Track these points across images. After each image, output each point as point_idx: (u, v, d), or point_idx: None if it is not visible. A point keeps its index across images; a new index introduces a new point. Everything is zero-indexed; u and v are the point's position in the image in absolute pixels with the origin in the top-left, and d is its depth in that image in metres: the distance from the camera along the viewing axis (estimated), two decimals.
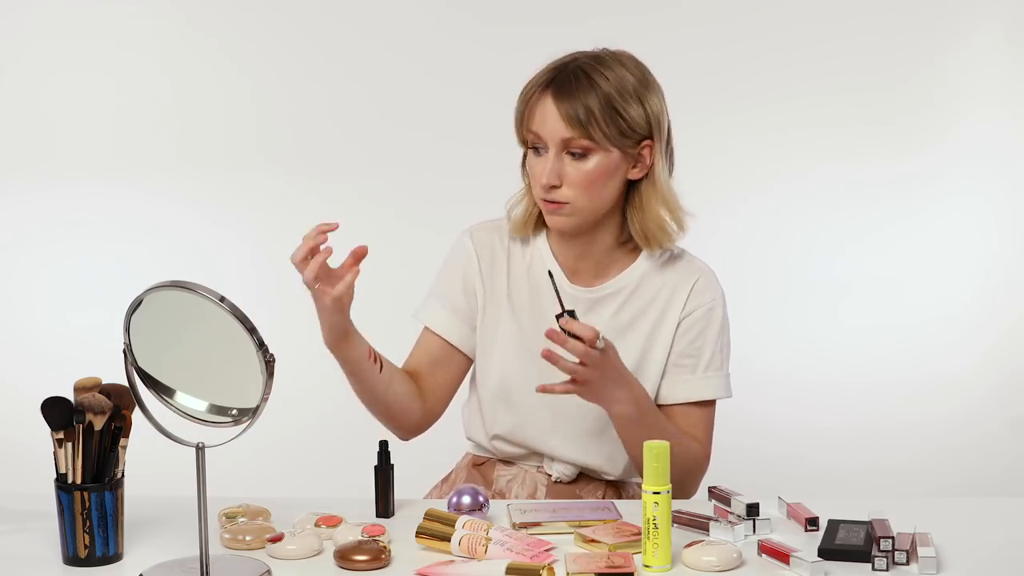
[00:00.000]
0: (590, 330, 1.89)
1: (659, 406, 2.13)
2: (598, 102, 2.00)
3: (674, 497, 2.06)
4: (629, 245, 2.14)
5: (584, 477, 2.16)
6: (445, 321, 2.17)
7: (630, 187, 2.09)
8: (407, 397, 2.12)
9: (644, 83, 2.05)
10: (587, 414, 2.09)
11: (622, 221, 2.11)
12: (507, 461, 2.19)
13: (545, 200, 2.05)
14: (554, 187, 2.03)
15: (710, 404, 2.14)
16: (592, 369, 1.91)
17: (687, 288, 2.12)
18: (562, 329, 1.89)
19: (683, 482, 2.06)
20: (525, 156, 2.12)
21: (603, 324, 2.11)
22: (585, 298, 2.12)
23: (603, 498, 2.14)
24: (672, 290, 2.12)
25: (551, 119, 2.02)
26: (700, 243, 2.19)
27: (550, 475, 2.16)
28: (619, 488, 2.17)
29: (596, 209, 2.07)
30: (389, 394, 2.09)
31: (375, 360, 2.04)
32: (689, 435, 2.10)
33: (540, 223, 2.15)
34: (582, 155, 2.02)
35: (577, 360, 1.90)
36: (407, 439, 2.19)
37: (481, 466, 2.21)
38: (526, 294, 2.15)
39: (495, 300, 2.15)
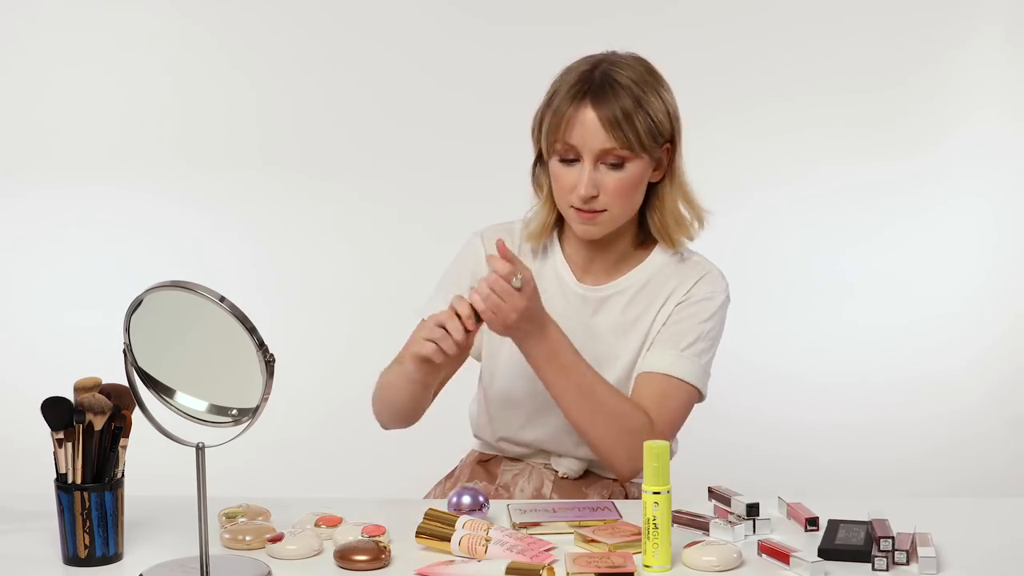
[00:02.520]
0: (503, 265, 1.90)
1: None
2: (635, 110, 2.00)
3: (605, 462, 2.04)
4: (641, 245, 2.14)
5: (591, 474, 2.16)
6: None
7: (648, 188, 2.10)
8: (428, 399, 2.14)
9: (661, 83, 2.06)
10: None
11: (636, 223, 2.12)
12: (513, 458, 2.19)
13: (580, 210, 2.04)
14: (592, 197, 2.03)
15: (681, 387, 2.07)
16: (504, 301, 1.91)
17: (689, 284, 2.12)
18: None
19: (616, 445, 2.00)
20: (536, 165, 2.12)
21: (611, 321, 2.11)
22: (594, 297, 2.12)
23: (609, 495, 2.14)
24: (675, 286, 2.12)
25: (592, 130, 2.00)
26: (700, 242, 2.19)
27: (557, 471, 2.16)
28: (625, 486, 2.16)
29: (627, 216, 2.08)
30: (428, 399, 2.11)
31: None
32: (640, 404, 2.04)
33: (554, 228, 2.15)
34: (619, 164, 2.02)
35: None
36: (390, 429, 2.19)
37: (487, 463, 2.21)
38: None
39: None
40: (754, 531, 1.84)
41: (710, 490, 1.95)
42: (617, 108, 2.00)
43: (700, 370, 2.09)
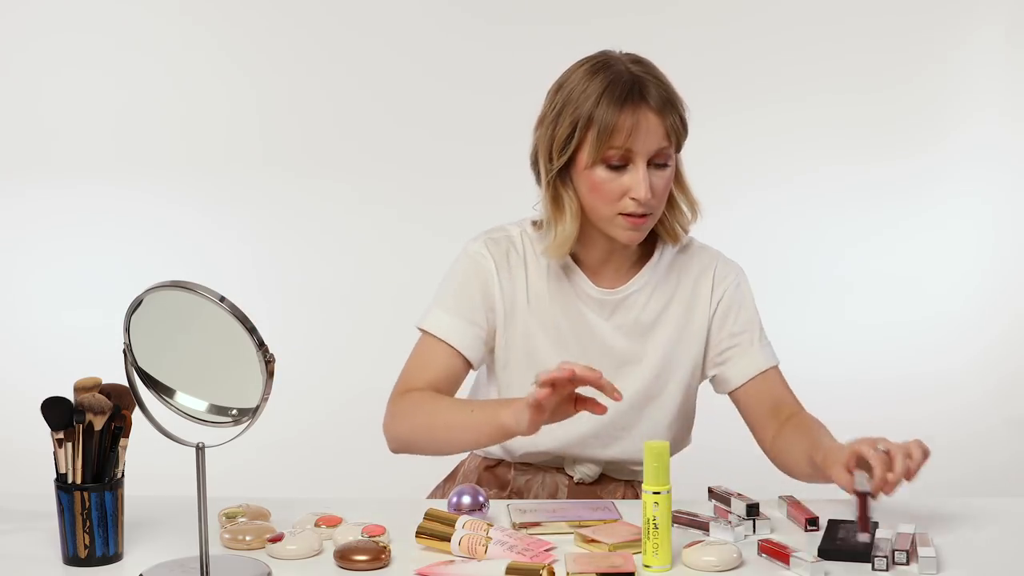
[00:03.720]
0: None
1: (733, 392, 2.14)
2: (674, 101, 2.00)
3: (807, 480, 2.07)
4: (644, 242, 2.13)
5: (605, 477, 2.15)
6: (470, 339, 2.09)
7: None
8: None
9: (663, 74, 2.05)
10: (619, 413, 2.08)
11: None
12: (524, 463, 2.18)
13: (632, 216, 2.00)
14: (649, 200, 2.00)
15: (777, 369, 2.15)
16: None
17: (709, 276, 2.13)
18: None
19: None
20: (554, 178, 2.04)
21: (632, 321, 2.10)
22: (611, 300, 2.10)
23: (622, 498, 2.13)
24: (694, 281, 2.13)
25: (654, 131, 1.98)
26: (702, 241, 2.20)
27: (571, 476, 2.15)
28: (637, 488, 2.16)
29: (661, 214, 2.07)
30: None
31: None
32: (798, 402, 2.13)
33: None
34: (664, 163, 2.01)
35: None
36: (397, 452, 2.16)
37: (494, 468, 2.19)
38: (549, 301, 2.11)
39: (517, 312, 2.10)
40: (754, 531, 1.84)
41: (710, 490, 1.95)
42: (666, 104, 1.98)
43: (771, 348, 2.16)
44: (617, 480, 2.16)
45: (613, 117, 1.96)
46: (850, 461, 1.80)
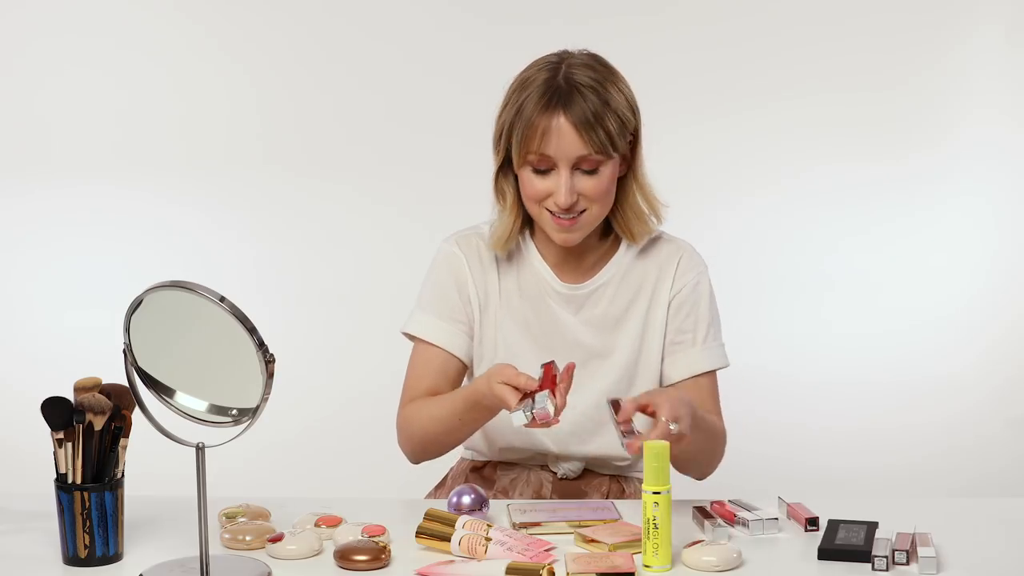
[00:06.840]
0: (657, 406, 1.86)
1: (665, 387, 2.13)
2: (604, 112, 2.00)
3: (701, 475, 2.10)
4: (609, 236, 2.14)
5: (589, 472, 2.16)
6: (457, 338, 2.13)
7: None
8: None
9: (618, 77, 2.06)
10: (594, 408, 2.09)
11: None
12: (509, 463, 2.18)
13: (559, 218, 2.03)
14: (572, 205, 2.02)
15: (712, 375, 2.15)
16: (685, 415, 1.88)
17: (672, 268, 2.14)
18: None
19: (714, 458, 2.11)
20: (498, 174, 2.10)
21: (599, 315, 2.12)
22: (577, 295, 2.13)
23: (607, 493, 2.14)
24: (658, 272, 2.14)
25: (568, 139, 1.99)
26: (700, 242, 2.20)
27: (555, 472, 2.16)
28: (622, 483, 2.17)
29: (604, 215, 2.08)
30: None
31: None
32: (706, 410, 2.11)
33: (520, 233, 2.14)
34: (593, 169, 2.02)
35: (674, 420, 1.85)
36: (420, 462, 2.18)
37: (481, 469, 2.20)
38: (519, 297, 2.14)
39: (490, 307, 2.14)
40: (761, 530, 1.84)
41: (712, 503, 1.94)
42: (589, 113, 1.99)
43: (719, 351, 2.15)
44: (601, 475, 2.17)
45: (532, 123, 2.01)
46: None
